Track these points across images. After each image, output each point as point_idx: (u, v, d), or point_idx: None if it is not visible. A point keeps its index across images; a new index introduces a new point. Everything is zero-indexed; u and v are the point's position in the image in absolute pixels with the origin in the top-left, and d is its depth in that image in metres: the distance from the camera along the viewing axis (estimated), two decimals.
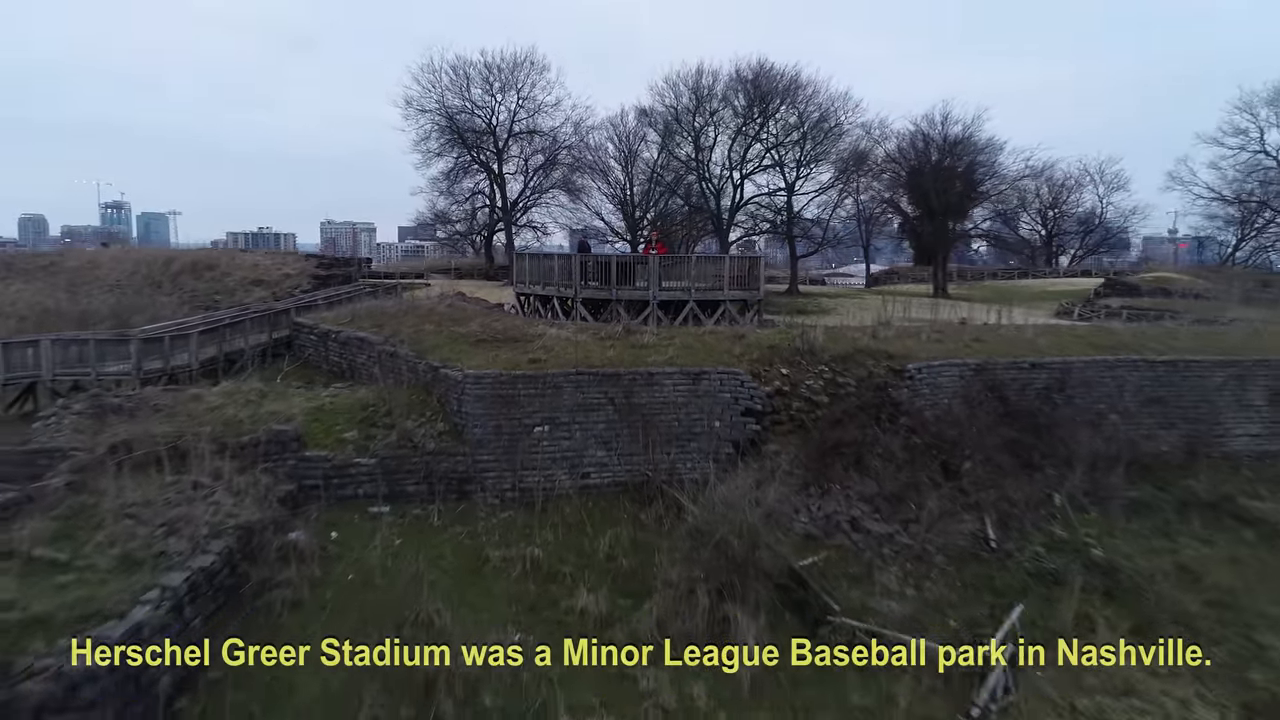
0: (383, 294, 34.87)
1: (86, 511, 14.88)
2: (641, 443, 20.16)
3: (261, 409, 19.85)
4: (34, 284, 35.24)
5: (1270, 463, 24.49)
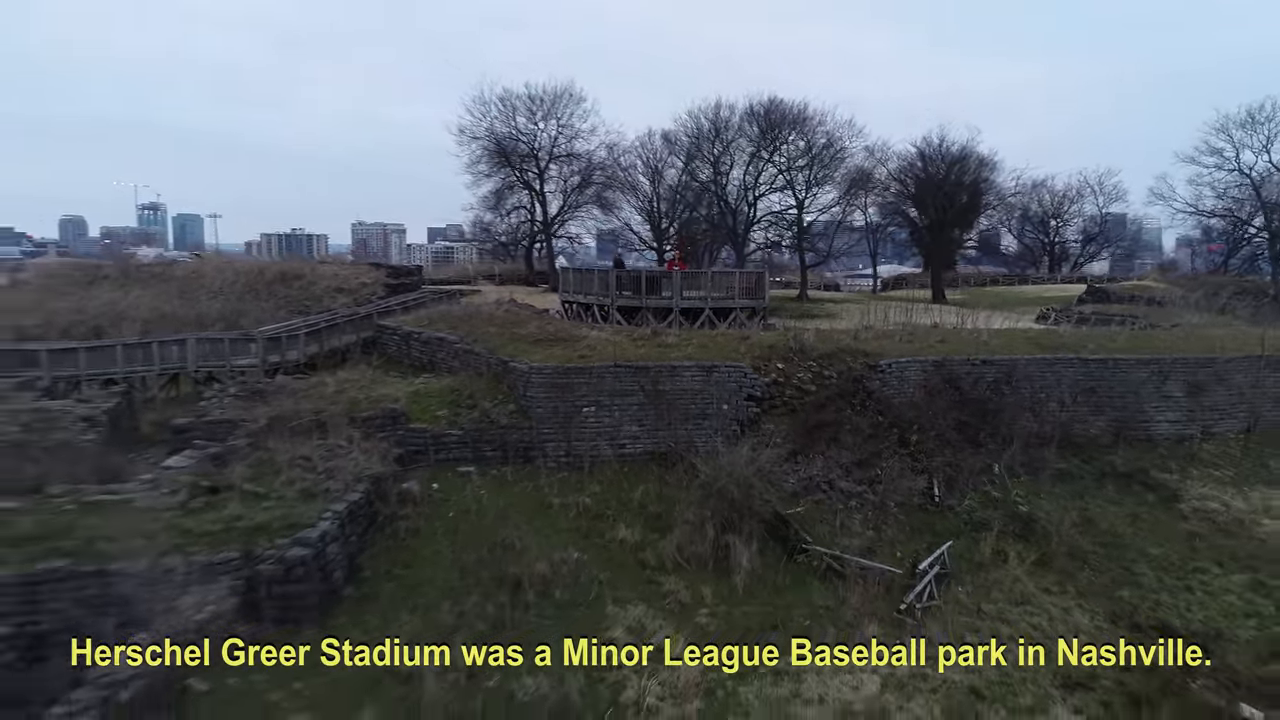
0: (445, 300, 40.87)
1: (268, 462, 20.71)
2: (665, 421, 25.77)
3: (372, 392, 25.69)
4: (150, 290, 41.39)
5: (1184, 444, 29.65)
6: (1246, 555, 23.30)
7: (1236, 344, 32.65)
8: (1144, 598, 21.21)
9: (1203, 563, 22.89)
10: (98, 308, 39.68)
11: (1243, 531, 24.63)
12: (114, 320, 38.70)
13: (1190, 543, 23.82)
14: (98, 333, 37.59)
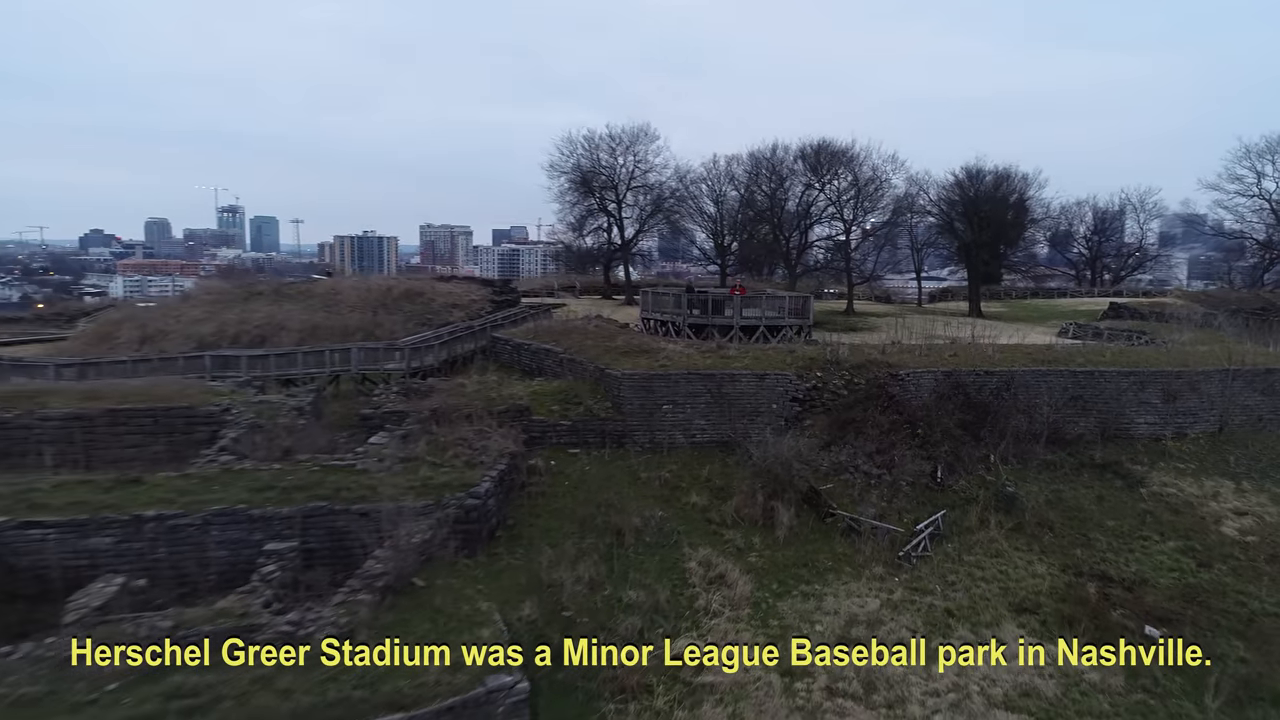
0: (541, 315, 48.72)
1: (437, 441, 28.43)
2: (726, 416, 32.95)
3: (501, 392, 33.38)
4: (299, 304, 49.88)
5: (1159, 442, 35.79)
6: (1185, 529, 29.71)
7: (1213, 358, 38.56)
8: (1093, 555, 27.84)
9: (1148, 533, 29.39)
10: (259, 319, 48.26)
11: (1189, 511, 30.96)
12: (274, 330, 47.25)
13: (1142, 518, 30.27)
14: (261, 340, 46.15)
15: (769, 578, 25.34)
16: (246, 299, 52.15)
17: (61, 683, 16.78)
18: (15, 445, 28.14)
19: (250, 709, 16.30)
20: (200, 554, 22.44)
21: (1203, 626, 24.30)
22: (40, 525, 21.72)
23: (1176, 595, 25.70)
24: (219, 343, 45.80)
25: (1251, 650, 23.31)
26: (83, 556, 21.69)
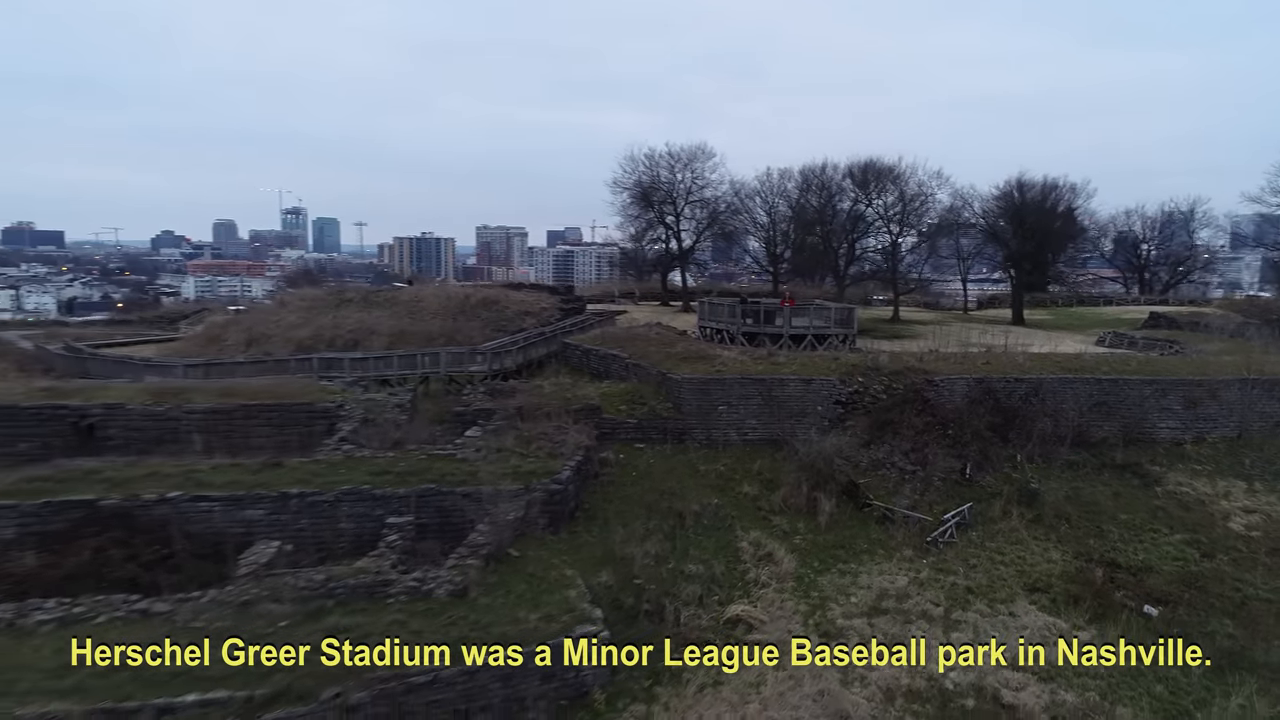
0: (605, 321, 52.97)
1: (521, 435, 32.72)
2: (775, 417, 36.72)
3: (575, 392, 37.58)
4: (386, 311, 54.84)
5: (1179, 446, 38.61)
6: (1193, 523, 32.70)
7: (1234, 368, 41.19)
8: (1105, 545, 31.03)
9: (1158, 526, 32.45)
10: (351, 324, 53.27)
11: (1199, 508, 33.91)
12: (364, 334, 52.19)
13: (1154, 513, 33.32)
14: (354, 344, 51.07)
15: (811, 557, 29.12)
16: (338, 306, 57.30)
17: (244, 620, 21.32)
18: (168, 434, 33.16)
19: (395, 640, 20.62)
20: (333, 525, 27.00)
21: (1198, 607, 27.45)
22: (207, 499, 26.46)
23: (1177, 580, 28.83)
24: (316, 346, 50.77)
25: (1239, 628, 26.41)
26: (241, 525, 26.38)
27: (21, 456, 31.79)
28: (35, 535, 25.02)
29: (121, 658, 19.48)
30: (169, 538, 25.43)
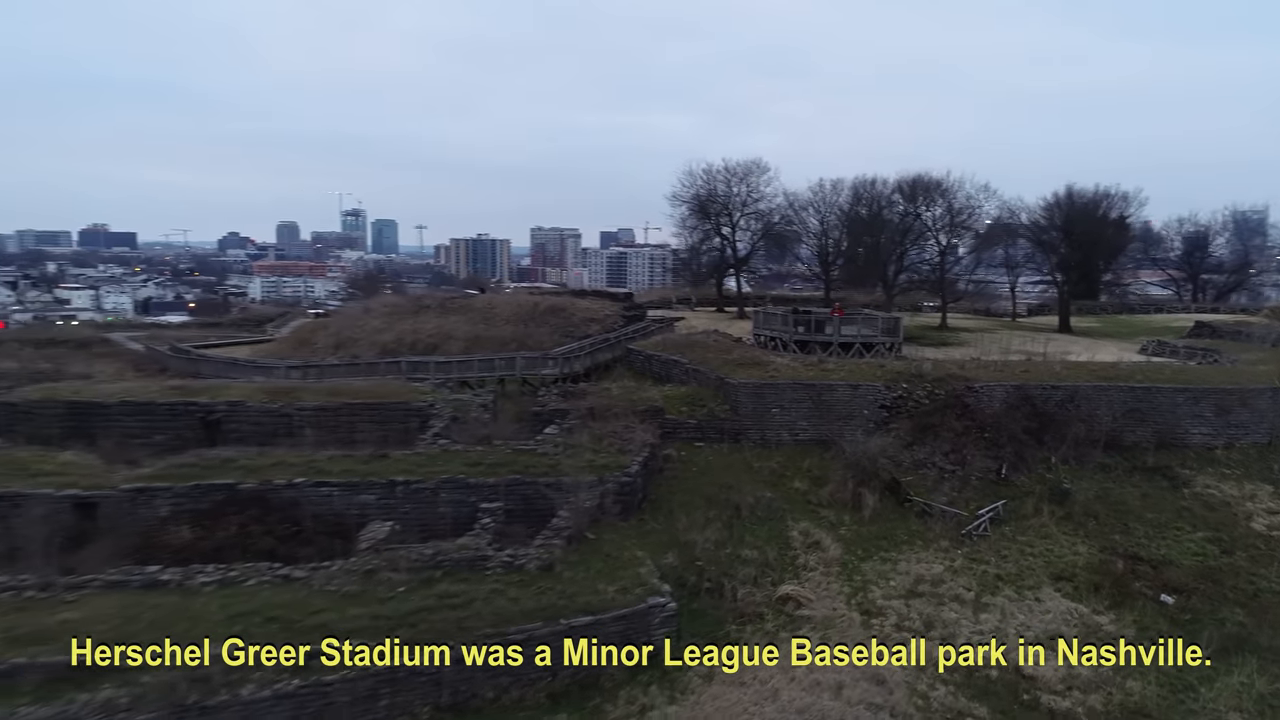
0: (665, 328, 56.56)
1: (593, 433, 36.40)
2: (824, 419, 39.88)
3: (639, 395, 41.19)
4: (462, 317, 59.13)
5: (1210, 451, 40.83)
6: (1216, 522, 35.15)
7: (1266, 376, 43.23)
8: (1129, 540, 33.67)
9: (1182, 524, 34.97)
10: (430, 330, 57.67)
11: (1224, 509, 36.32)
12: (443, 339, 56.52)
13: (1179, 513, 35.81)
14: (434, 348, 55.36)
15: (855, 546, 32.33)
16: (416, 312, 61.84)
17: (368, 586, 25.29)
18: (282, 428, 37.54)
19: (494, 606, 24.42)
20: (434, 509, 30.97)
21: (1212, 598, 30.05)
22: (328, 485, 30.64)
23: (1195, 573, 31.41)
24: (398, 349, 55.22)
25: (1249, 617, 29.00)
26: (356, 508, 30.48)
27: (158, 446, 36.37)
28: (187, 513, 29.40)
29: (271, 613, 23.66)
30: (298, 517, 29.64)
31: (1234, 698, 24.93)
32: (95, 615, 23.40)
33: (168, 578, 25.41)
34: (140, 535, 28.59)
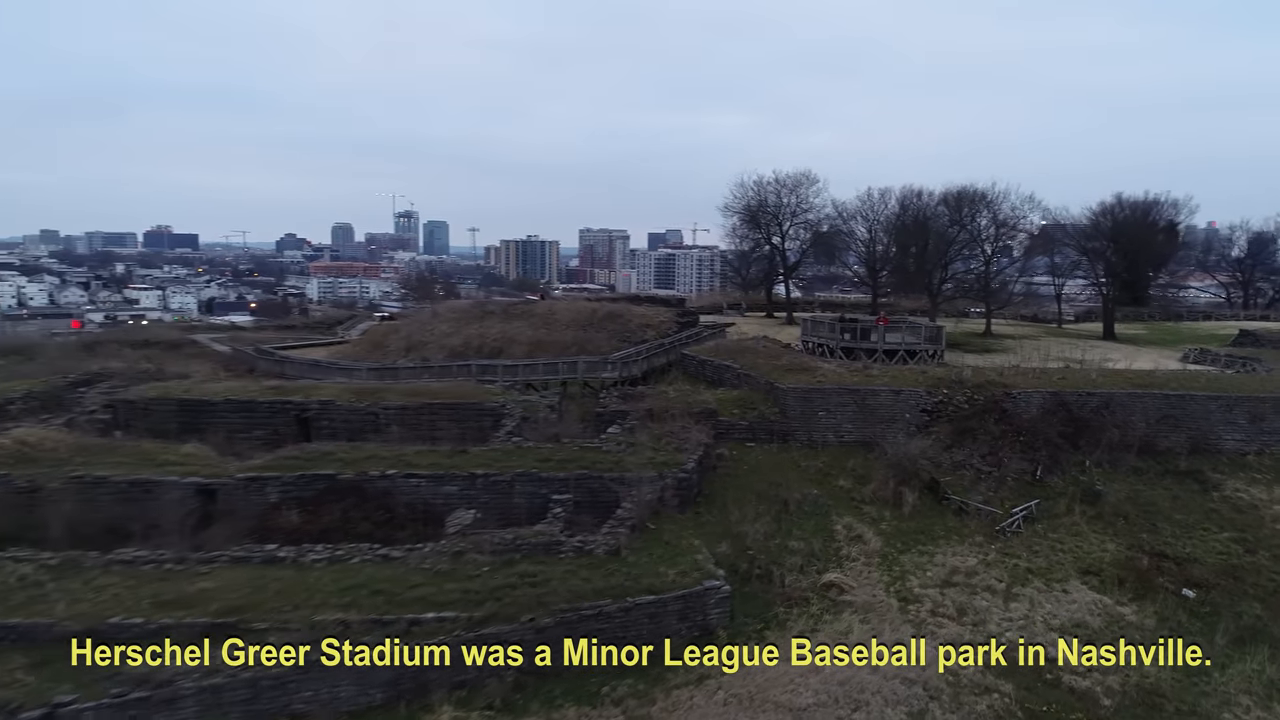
0: (716, 334, 59.44)
1: (652, 433, 39.45)
2: (868, 422, 42.46)
3: (694, 398, 44.16)
4: (524, 322, 62.65)
5: (1243, 456, 42.55)
6: (1243, 524, 37.01)
7: None
8: (1156, 539, 35.73)
9: (1209, 525, 36.91)
10: (495, 334, 61.26)
11: (1252, 511, 38.12)
12: (507, 343, 60.07)
13: (1207, 514, 37.72)
14: (499, 351, 58.91)
15: (895, 539, 34.94)
16: (482, 318, 65.50)
17: (457, 565, 28.61)
18: (368, 425, 41.25)
19: (568, 585, 27.56)
20: (509, 500, 34.28)
21: (1232, 593, 32.08)
22: (416, 476, 34.13)
23: (1217, 570, 33.42)
24: (466, 352, 58.88)
25: (1266, 610, 30.99)
26: (441, 497, 33.92)
27: (258, 441, 40.36)
28: (294, 499, 33.12)
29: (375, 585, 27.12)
30: (391, 505, 33.21)
31: (1245, 682, 27.11)
32: (227, 585, 27.10)
33: (284, 555, 29.06)
34: (254, 518, 32.38)
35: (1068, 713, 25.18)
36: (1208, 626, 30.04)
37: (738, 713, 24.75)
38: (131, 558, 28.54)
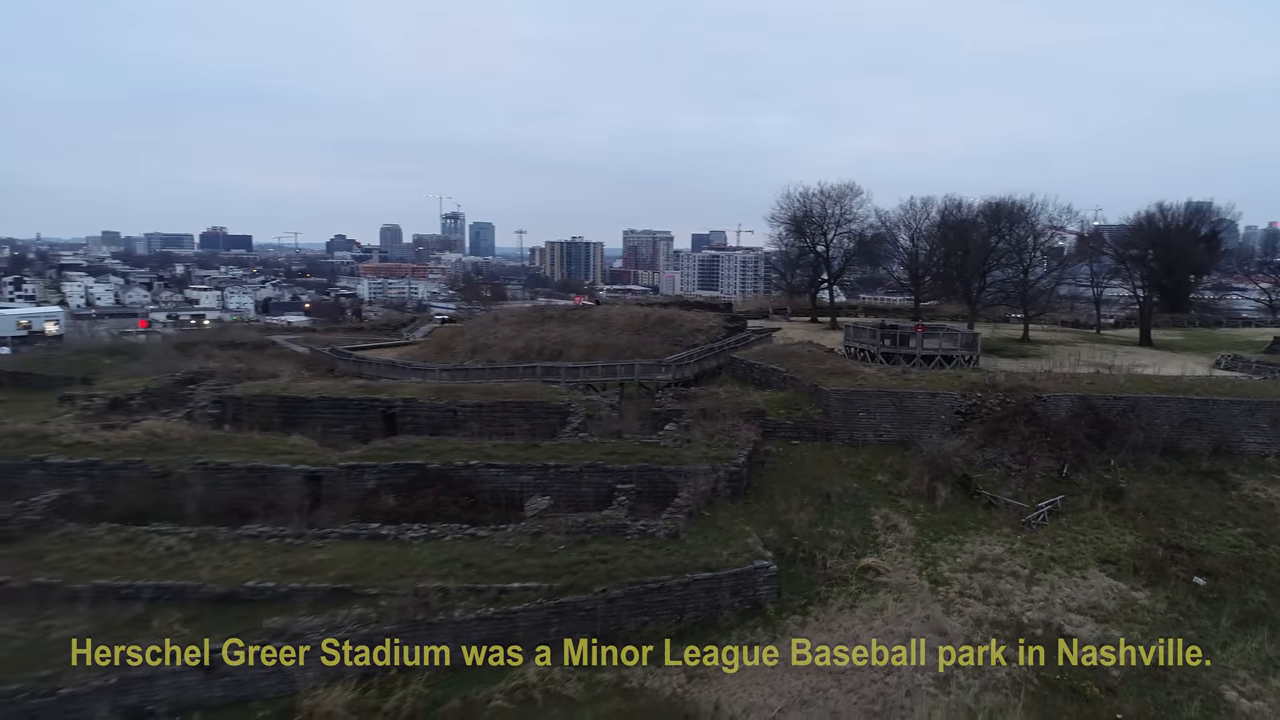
0: (763, 339, 62.95)
1: (705, 430, 43.18)
2: (905, 423, 45.73)
3: (743, 399, 47.81)
4: (582, 326, 66.77)
5: (1264, 458, 45.06)
6: (1257, 520, 39.68)
7: None
8: (1174, 533, 38.56)
9: (1225, 521, 39.63)
10: (554, 337, 65.42)
11: (1267, 509, 40.75)
12: (566, 345, 64.16)
13: (1224, 511, 40.43)
14: (559, 354, 62.99)
15: (928, 529, 38.25)
16: (541, 322, 69.77)
17: (536, 544, 32.61)
18: (447, 421, 45.51)
19: (634, 561, 31.39)
20: (578, 489, 38.24)
21: (1240, 581, 34.86)
22: (495, 467, 38.26)
23: (1228, 561, 36.20)
24: (528, 354, 63.12)
25: (1270, 597, 33.80)
26: (517, 485, 38.00)
27: (348, 434, 44.89)
28: (390, 485, 37.43)
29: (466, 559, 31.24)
30: (474, 491, 37.37)
31: (1244, 659, 30.06)
32: (340, 557, 31.44)
33: (385, 532, 33.35)
34: (356, 501, 36.76)
35: (1079, 680, 28.44)
36: (1214, 610, 32.92)
37: (784, 674, 28.43)
38: (256, 533, 33.05)
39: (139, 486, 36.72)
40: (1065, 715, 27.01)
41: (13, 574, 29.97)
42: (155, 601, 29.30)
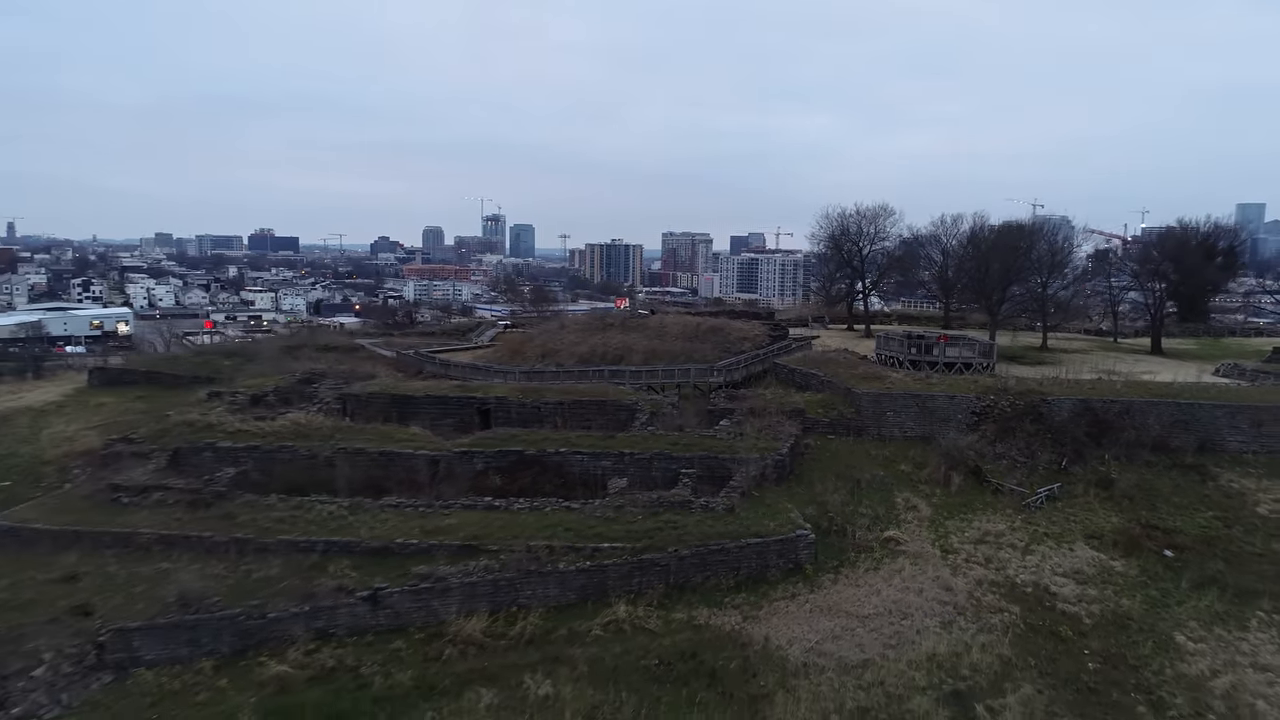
0: (803, 346, 70.37)
1: (754, 426, 50.75)
2: (926, 421, 52.95)
3: (786, 399, 55.32)
4: (639, 334, 74.69)
5: (1243, 456, 51.59)
6: (1227, 506, 46.38)
7: None
8: (1152, 515, 45.36)
9: (1199, 506, 46.36)
10: (615, 343, 73.32)
11: (1239, 497, 47.39)
12: (626, 350, 71.98)
13: (1201, 499, 47.14)
14: (620, 358, 70.83)
15: (942, 510, 45.53)
16: (604, 329, 77.78)
17: (618, 515, 40.44)
18: (532, 417, 53.59)
19: (699, 529, 39.12)
20: (649, 473, 46.05)
21: (1204, 554, 41.67)
22: (580, 454, 46.19)
23: (1196, 539, 42.97)
24: (592, 358, 71.00)
25: (1226, 566, 40.60)
26: (599, 469, 45.89)
27: (449, 426, 53.08)
28: (495, 468, 45.56)
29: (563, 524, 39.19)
30: (564, 473, 45.38)
31: (1195, 612, 37.02)
32: (464, 522, 39.57)
33: (497, 504, 41.43)
34: (468, 480, 44.93)
35: (1056, 625, 35.69)
36: (1177, 576, 39.86)
37: (819, 617, 35.98)
38: (395, 503, 41.35)
39: (293, 466, 45.24)
40: (1043, 650, 34.27)
41: (216, 531, 38.60)
42: (327, 553, 37.68)
